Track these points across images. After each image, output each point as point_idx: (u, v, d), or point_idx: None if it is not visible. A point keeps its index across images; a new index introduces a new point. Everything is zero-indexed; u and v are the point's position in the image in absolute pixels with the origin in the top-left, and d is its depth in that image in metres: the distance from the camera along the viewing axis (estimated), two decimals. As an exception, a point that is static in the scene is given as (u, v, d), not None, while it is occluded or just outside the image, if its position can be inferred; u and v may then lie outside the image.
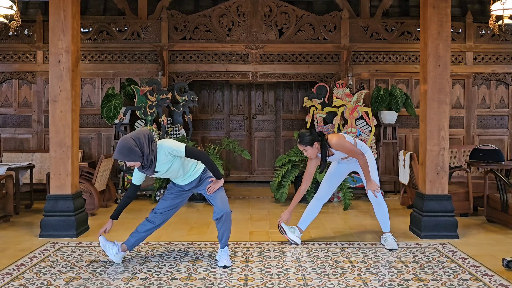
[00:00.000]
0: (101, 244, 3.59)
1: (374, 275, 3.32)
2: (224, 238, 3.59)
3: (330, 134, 4.02)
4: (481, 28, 7.18)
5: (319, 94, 6.82)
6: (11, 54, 7.08)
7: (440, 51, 4.37)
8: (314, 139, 3.91)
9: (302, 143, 3.93)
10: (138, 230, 3.66)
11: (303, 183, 4.16)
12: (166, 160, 3.37)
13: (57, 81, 4.37)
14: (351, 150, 3.93)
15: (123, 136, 3.33)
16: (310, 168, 4.12)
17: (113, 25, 7.06)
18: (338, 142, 3.92)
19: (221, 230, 3.57)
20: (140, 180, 3.53)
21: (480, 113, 7.27)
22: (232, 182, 8.07)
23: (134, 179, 3.53)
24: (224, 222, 3.53)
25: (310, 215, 4.28)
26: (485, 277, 3.30)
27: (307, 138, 3.91)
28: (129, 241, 3.64)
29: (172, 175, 3.53)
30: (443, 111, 4.39)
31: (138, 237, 3.65)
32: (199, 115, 8.14)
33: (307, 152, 3.96)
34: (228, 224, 3.56)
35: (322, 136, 3.94)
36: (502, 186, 4.83)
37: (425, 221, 4.38)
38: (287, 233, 4.15)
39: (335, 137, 3.95)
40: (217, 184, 3.57)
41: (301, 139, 3.93)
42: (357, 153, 3.92)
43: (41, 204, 5.04)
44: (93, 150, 7.14)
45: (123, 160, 3.30)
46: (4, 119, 7.15)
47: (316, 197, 4.29)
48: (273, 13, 7.05)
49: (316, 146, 3.92)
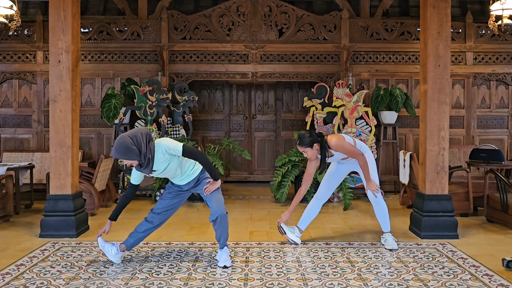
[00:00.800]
0: (100, 245, 3.59)
1: (374, 275, 3.33)
2: (222, 239, 3.58)
3: (330, 135, 4.03)
4: (481, 28, 7.18)
5: (319, 94, 6.82)
6: (11, 54, 7.08)
7: (440, 51, 4.37)
8: (313, 140, 3.92)
9: (302, 145, 3.94)
10: (137, 230, 3.65)
11: (303, 184, 4.17)
12: (163, 159, 3.36)
13: (57, 81, 4.37)
14: (351, 151, 3.93)
15: (120, 135, 3.33)
16: (310, 169, 4.13)
17: (113, 25, 7.06)
18: (337, 143, 3.92)
19: (218, 231, 3.56)
20: (139, 179, 3.53)
21: (480, 113, 7.27)
22: (232, 182, 8.07)
23: (132, 179, 3.53)
24: (220, 224, 3.51)
25: (310, 215, 4.29)
26: (485, 277, 3.30)
27: (306, 139, 3.92)
28: (128, 241, 3.64)
29: (169, 174, 3.52)
30: (443, 111, 4.39)
31: (136, 237, 3.65)
32: (199, 115, 8.14)
33: (307, 154, 3.97)
34: (224, 226, 3.54)
35: (321, 137, 3.95)
36: (502, 186, 4.83)
37: (425, 221, 4.38)
38: (287, 233, 4.15)
39: (335, 138, 3.96)
40: (214, 186, 3.56)
41: (300, 141, 3.94)
42: (356, 153, 3.93)
43: (41, 204, 5.04)
44: (93, 150, 7.14)
45: (121, 159, 3.30)
46: (4, 119, 7.15)
47: (316, 197, 4.29)
48: (273, 13, 7.05)
49: (315, 147, 3.93)
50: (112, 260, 3.58)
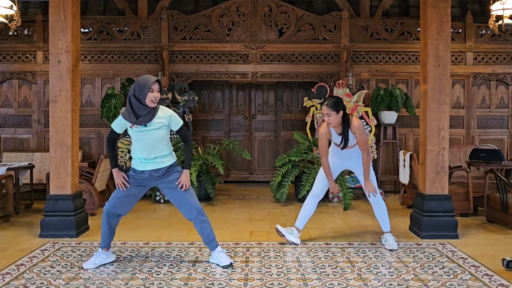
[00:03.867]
0: (92, 265, 3.49)
1: (374, 275, 3.33)
2: (210, 236, 3.54)
3: (354, 116, 3.99)
4: (481, 28, 7.18)
5: (319, 94, 6.81)
6: (11, 54, 7.08)
7: (440, 51, 4.37)
8: (341, 106, 3.84)
9: (329, 106, 3.80)
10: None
11: (322, 157, 4.01)
12: (162, 120, 3.40)
13: (57, 81, 4.37)
14: (365, 140, 3.93)
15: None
16: (322, 142, 3.98)
17: (113, 25, 7.06)
18: (359, 125, 3.90)
19: (204, 231, 3.53)
20: (121, 129, 3.48)
21: (480, 113, 7.27)
22: (232, 182, 8.07)
23: (116, 127, 3.48)
24: (203, 221, 3.50)
25: (307, 214, 4.25)
26: (485, 277, 3.30)
27: (335, 102, 3.82)
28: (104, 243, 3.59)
29: (150, 142, 3.40)
30: (443, 111, 4.39)
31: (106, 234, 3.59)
32: (199, 115, 8.14)
33: (330, 117, 3.82)
34: (207, 221, 3.53)
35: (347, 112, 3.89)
36: (502, 186, 4.83)
37: (425, 221, 4.38)
38: (285, 235, 4.12)
39: (357, 121, 3.93)
40: (187, 178, 3.48)
41: (329, 102, 3.81)
42: (367, 145, 3.94)
43: (41, 204, 5.04)
44: (93, 150, 7.15)
45: (161, 82, 3.39)
46: (4, 119, 7.15)
47: (311, 195, 4.25)
48: (273, 13, 7.05)
49: (340, 114, 3.84)
50: (110, 261, 3.59)
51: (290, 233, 4.16)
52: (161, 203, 6.23)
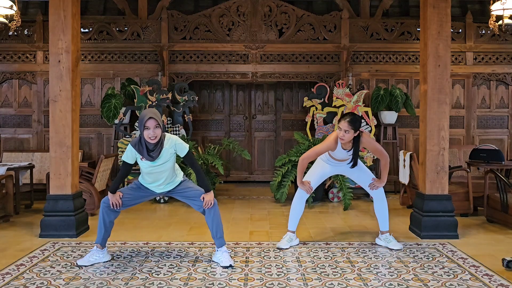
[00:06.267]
0: (86, 262, 3.52)
1: (374, 275, 3.33)
2: (218, 232, 3.58)
3: (364, 131, 3.99)
4: (481, 28, 7.18)
5: (319, 94, 6.82)
6: (11, 54, 7.09)
7: (440, 51, 4.37)
8: (360, 125, 3.85)
9: (350, 123, 3.77)
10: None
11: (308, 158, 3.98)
12: (169, 151, 3.45)
13: (57, 81, 4.37)
14: (378, 148, 3.96)
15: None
16: (323, 150, 3.95)
17: (113, 25, 7.06)
18: (369, 140, 3.95)
19: (213, 223, 3.56)
20: (133, 159, 3.49)
21: (480, 113, 7.28)
22: (232, 182, 8.07)
23: (127, 158, 3.49)
24: (215, 213, 3.55)
25: (297, 214, 4.17)
26: (485, 277, 3.30)
27: (358, 123, 3.82)
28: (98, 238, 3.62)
29: (159, 173, 3.49)
30: (443, 111, 4.39)
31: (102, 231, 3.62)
32: (199, 115, 8.14)
33: (347, 135, 3.80)
34: (217, 214, 3.58)
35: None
36: (502, 186, 4.83)
37: (425, 221, 4.38)
38: (286, 246, 4.03)
39: (367, 135, 3.97)
40: (211, 198, 3.56)
41: (352, 120, 3.78)
42: (384, 153, 3.95)
43: (41, 204, 5.04)
44: (93, 150, 7.15)
45: (156, 118, 3.32)
46: (4, 119, 7.15)
47: (298, 196, 4.17)
48: (273, 13, 7.05)
49: (356, 134, 3.84)
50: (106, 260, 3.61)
51: (289, 240, 4.10)
52: (161, 203, 6.23)
